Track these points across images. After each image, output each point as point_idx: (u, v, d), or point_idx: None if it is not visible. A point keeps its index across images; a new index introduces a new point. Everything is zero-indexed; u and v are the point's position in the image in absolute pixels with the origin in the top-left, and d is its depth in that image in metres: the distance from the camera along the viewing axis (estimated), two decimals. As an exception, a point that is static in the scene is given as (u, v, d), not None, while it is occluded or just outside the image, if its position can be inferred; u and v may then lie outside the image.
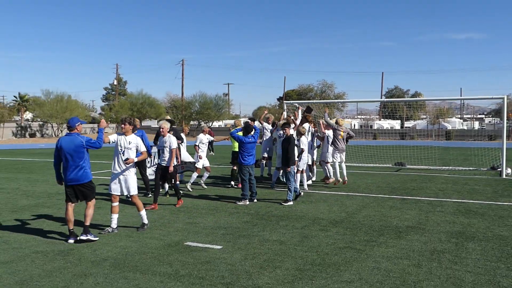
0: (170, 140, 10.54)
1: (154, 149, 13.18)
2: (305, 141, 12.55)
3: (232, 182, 13.82)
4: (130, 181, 8.34)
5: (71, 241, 7.60)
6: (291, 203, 10.94)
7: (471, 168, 19.15)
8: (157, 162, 11.54)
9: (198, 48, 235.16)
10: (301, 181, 12.80)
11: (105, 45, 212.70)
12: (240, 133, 11.52)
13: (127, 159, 8.17)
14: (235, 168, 13.53)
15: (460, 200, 11.56)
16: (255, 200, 11.29)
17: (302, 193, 11.86)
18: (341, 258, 6.72)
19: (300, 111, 14.37)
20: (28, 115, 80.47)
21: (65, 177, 7.69)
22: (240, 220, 9.32)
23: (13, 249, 7.15)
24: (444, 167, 19.61)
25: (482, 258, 6.70)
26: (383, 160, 22.44)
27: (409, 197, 12.05)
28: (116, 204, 8.31)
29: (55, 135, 61.47)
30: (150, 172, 12.96)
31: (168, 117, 12.45)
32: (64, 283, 5.71)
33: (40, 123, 64.81)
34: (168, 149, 10.57)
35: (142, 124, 65.83)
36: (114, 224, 8.29)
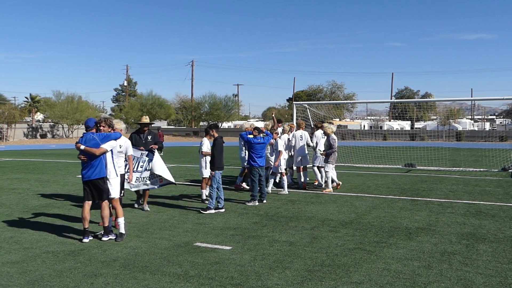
0: (127, 145, 8.92)
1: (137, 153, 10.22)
2: (281, 143, 12.64)
3: (244, 184, 13.72)
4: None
5: (85, 240, 7.69)
6: (212, 211, 10.08)
7: (482, 169, 19.01)
8: (141, 167, 10.09)
9: (208, 49, 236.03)
10: (282, 184, 12.72)
11: (115, 46, 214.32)
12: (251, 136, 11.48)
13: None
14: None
15: (470, 202, 11.47)
16: (265, 201, 11.29)
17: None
18: (351, 259, 6.69)
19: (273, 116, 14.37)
20: (39, 116, 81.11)
21: (82, 173, 7.87)
22: (250, 221, 9.32)
23: (24, 249, 7.21)
24: (454, 168, 19.48)
25: (493, 260, 6.65)
26: (393, 161, 22.33)
27: (419, 198, 11.98)
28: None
29: (65, 136, 61.87)
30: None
31: (145, 118, 10.57)
32: (75, 283, 5.75)
33: (51, 124, 65.27)
34: (122, 154, 8.90)
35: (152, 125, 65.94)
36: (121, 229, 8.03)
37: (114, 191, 8.03)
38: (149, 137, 10.49)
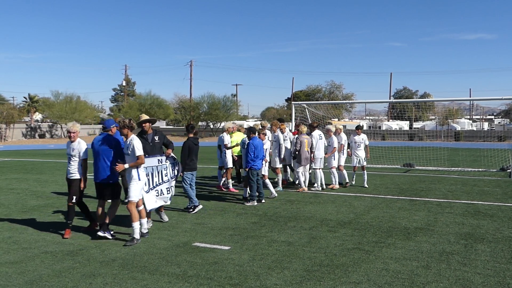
0: (80, 147, 8.14)
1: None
2: (268, 144, 12.52)
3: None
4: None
5: (100, 233, 7.88)
6: (196, 209, 10.10)
7: (480, 169, 19.02)
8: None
9: (207, 49, 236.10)
10: (266, 185, 12.07)
11: (114, 46, 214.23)
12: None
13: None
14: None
15: (469, 202, 11.48)
16: (263, 201, 11.29)
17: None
18: (349, 259, 6.70)
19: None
20: (37, 116, 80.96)
21: (94, 174, 8.07)
22: (248, 221, 9.32)
23: (22, 249, 7.20)
24: (453, 168, 19.49)
25: (492, 260, 6.65)
26: (392, 161, 22.34)
27: (418, 198, 11.99)
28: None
29: (64, 136, 61.78)
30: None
31: (145, 116, 9.11)
32: (73, 283, 5.75)
33: (50, 124, 65.22)
34: (76, 158, 8.16)
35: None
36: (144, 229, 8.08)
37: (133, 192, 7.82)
38: (156, 138, 9.07)
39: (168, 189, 8.90)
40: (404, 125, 67.83)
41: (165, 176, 8.83)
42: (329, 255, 6.88)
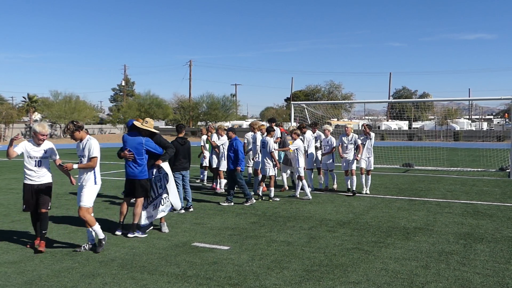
0: (52, 148, 7.57)
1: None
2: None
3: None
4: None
5: (118, 233, 8.04)
6: (182, 210, 10.05)
7: (479, 169, 19.04)
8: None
9: (206, 49, 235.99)
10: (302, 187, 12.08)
11: (113, 46, 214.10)
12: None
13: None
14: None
15: (468, 201, 11.49)
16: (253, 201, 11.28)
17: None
18: (349, 259, 6.70)
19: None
20: (37, 116, 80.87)
21: (126, 171, 8.20)
22: (247, 221, 9.32)
23: (21, 249, 7.20)
24: (452, 168, 19.52)
25: (491, 260, 6.66)
26: (391, 161, 22.35)
27: (417, 198, 12.00)
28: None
29: (63, 136, 61.76)
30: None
31: (148, 120, 8.52)
32: (72, 283, 5.74)
33: (49, 124, 65.17)
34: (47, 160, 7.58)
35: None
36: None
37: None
38: None
39: (162, 201, 8.38)
40: (403, 125, 67.83)
41: (159, 188, 8.39)
42: (328, 255, 6.88)
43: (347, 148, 12.62)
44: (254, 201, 11.10)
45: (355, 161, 12.56)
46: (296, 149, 11.89)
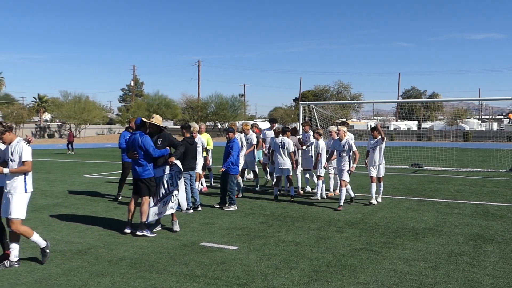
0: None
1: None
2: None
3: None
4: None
5: (127, 230, 8.16)
6: (190, 210, 10.11)
7: (489, 170, 18.90)
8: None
9: (214, 49, 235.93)
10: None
11: (122, 46, 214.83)
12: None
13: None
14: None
15: (478, 202, 11.42)
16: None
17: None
18: (357, 259, 6.68)
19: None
20: (47, 116, 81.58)
21: (132, 170, 8.35)
22: (256, 221, 9.33)
23: (32, 248, 7.25)
24: (462, 169, 19.40)
25: (501, 261, 6.61)
26: (400, 161, 22.26)
27: (426, 199, 11.94)
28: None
29: (73, 135, 62.21)
30: None
31: (158, 118, 8.55)
32: (82, 282, 5.78)
33: (59, 123, 65.67)
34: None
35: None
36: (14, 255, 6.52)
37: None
38: (159, 142, 8.35)
39: (172, 198, 8.40)
40: (413, 125, 67.58)
41: (171, 186, 8.35)
42: (336, 256, 6.87)
43: (340, 156, 10.90)
44: (236, 208, 10.65)
45: (350, 172, 10.83)
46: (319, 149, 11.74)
